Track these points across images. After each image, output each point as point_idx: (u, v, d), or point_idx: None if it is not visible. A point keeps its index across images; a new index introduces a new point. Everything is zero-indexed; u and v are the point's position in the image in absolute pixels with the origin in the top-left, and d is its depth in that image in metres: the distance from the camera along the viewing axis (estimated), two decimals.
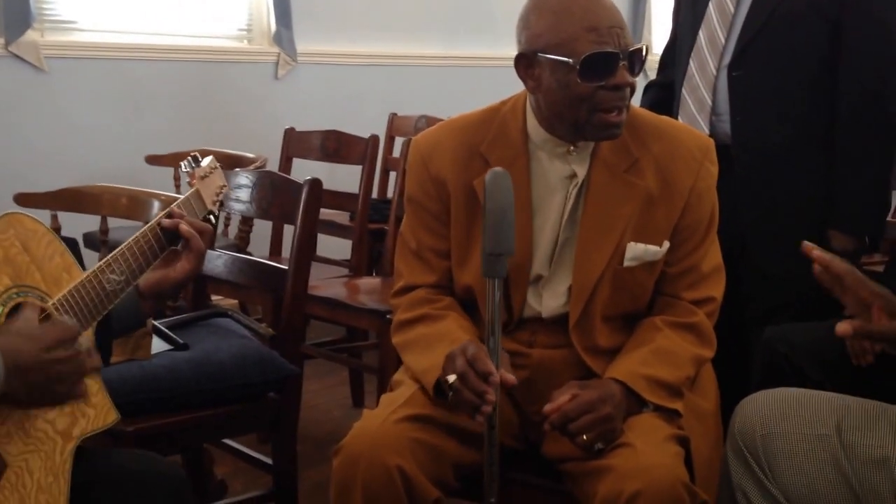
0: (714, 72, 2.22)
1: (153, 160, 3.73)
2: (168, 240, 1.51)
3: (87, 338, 1.33)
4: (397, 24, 4.71)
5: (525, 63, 1.62)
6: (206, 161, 1.71)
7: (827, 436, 1.43)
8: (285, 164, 3.51)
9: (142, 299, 1.51)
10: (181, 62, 4.14)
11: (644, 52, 1.58)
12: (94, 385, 1.32)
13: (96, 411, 1.33)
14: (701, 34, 2.26)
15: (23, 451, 1.23)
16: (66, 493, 1.27)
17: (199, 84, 4.20)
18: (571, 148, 1.65)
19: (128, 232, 2.31)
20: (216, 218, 1.70)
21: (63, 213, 2.71)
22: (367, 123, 3.86)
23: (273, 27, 4.32)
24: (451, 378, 1.50)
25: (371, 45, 4.62)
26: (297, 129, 3.58)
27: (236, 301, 3.42)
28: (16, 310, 1.26)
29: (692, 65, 2.26)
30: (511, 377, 1.50)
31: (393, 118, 4.07)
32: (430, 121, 3.86)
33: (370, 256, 3.43)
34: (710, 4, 2.26)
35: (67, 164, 3.78)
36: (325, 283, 2.94)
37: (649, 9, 5.58)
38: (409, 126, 3.93)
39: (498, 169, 1.45)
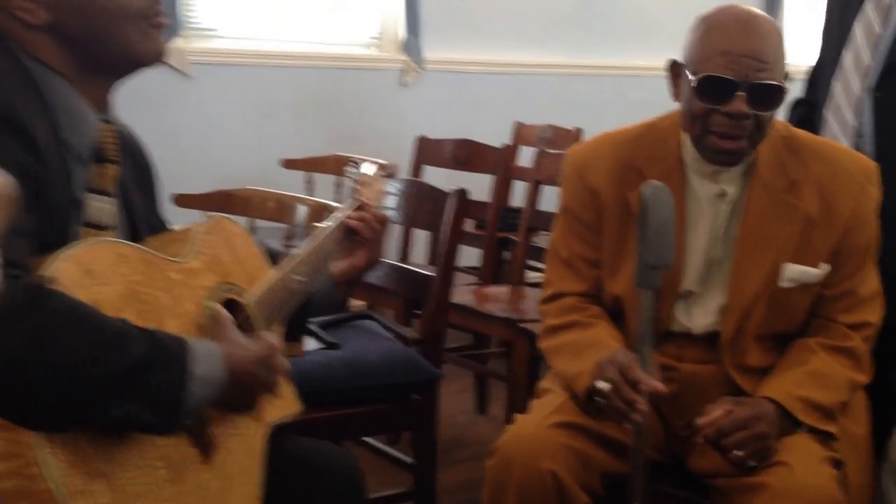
0: (858, 93, 2.20)
1: (289, 164, 3.87)
2: (347, 234, 1.62)
3: (276, 335, 1.43)
4: (523, 33, 4.76)
5: (674, 71, 1.69)
6: (371, 168, 1.79)
7: None
8: (416, 171, 3.60)
9: (335, 287, 1.62)
10: (313, 68, 4.28)
11: (779, 89, 1.58)
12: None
13: (284, 402, 1.44)
14: (846, 55, 2.24)
15: (227, 434, 1.33)
16: (262, 474, 1.37)
17: (330, 90, 4.33)
18: (718, 168, 1.68)
19: (272, 233, 2.44)
20: None
21: (213, 214, 2.85)
22: (491, 131, 3.92)
23: (403, 35, 4.43)
24: (602, 385, 1.55)
25: (497, 54, 4.68)
26: (422, 135, 3.67)
27: (363, 302, 3.54)
28: (224, 304, 1.36)
29: (836, 86, 2.25)
30: (660, 386, 1.53)
31: (518, 127, 4.11)
32: (556, 130, 3.90)
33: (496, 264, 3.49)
34: (856, 24, 2.24)
35: (207, 166, 3.96)
36: (456, 290, 3.01)
37: (783, 20, 5.46)
38: (534, 135, 3.96)
39: (657, 182, 1.49)
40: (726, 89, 1.57)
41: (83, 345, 1.07)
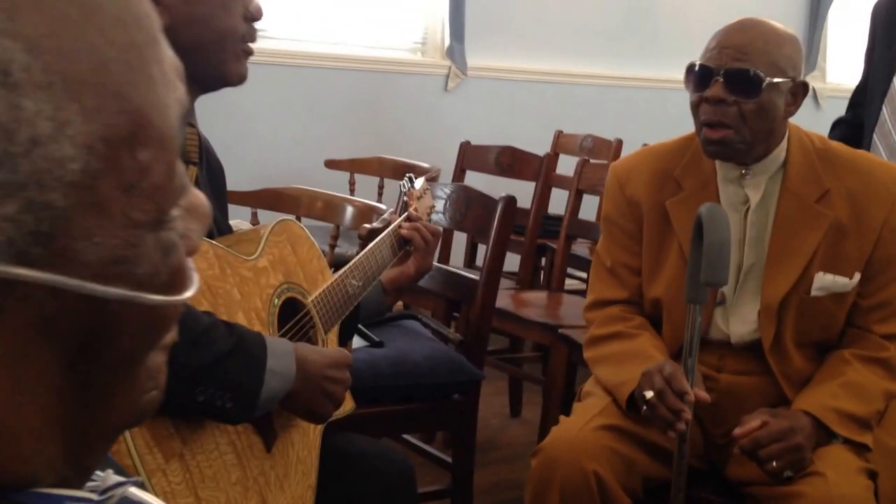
0: None
1: (331, 164, 3.94)
2: (400, 243, 1.68)
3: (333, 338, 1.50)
4: (565, 43, 4.81)
5: None
6: (420, 183, 1.87)
7: None
8: (459, 175, 3.66)
9: (385, 294, 1.69)
10: (358, 71, 4.34)
11: (754, 76, 1.64)
12: None
13: None
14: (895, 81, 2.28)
15: (286, 426, 1.40)
16: (317, 466, 1.45)
17: (373, 93, 4.39)
18: (744, 171, 1.73)
19: (318, 232, 2.51)
20: None
21: (261, 211, 2.94)
22: (531, 138, 3.98)
23: (447, 41, 4.49)
24: (649, 394, 1.60)
25: (539, 62, 4.74)
26: (464, 140, 3.72)
27: (401, 302, 3.60)
28: (287, 302, 1.44)
29: (885, 110, 2.28)
30: (705, 395, 1.59)
31: (559, 135, 4.16)
32: (596, 140, 3.95)
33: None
34: None
35: (251, 163, 4.03)
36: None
37: (825, 37, 5.51)
38: (575, 144, 4.01)
39: (713, 204, 1.55)
40: (706, 76, 1.67)
41: (180, 336, 1.15)
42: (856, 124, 2.45)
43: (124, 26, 0.46)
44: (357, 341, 2.17)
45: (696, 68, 1.68)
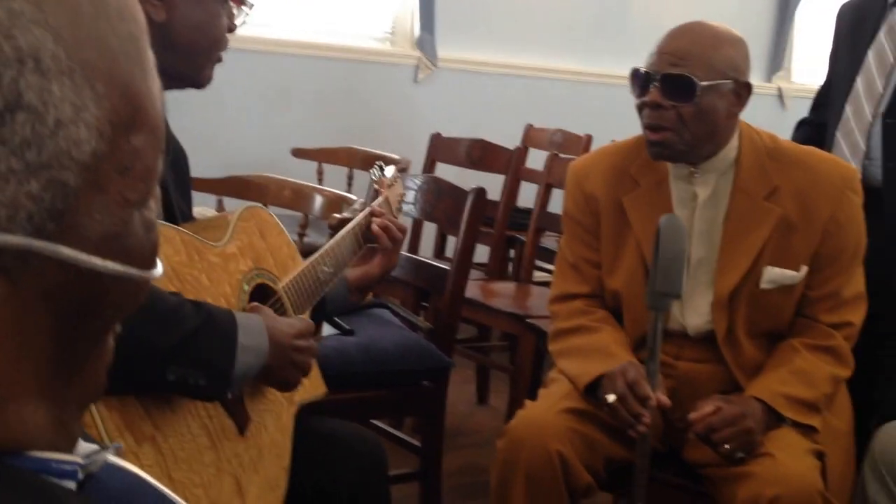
0: (870, 118, 2.29)
1: (299, 153, 3.92)
2: (366, 238, 1.72)
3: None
4: (537, 38, 4.83)
5: None
6: (391, 170, 1.90)
7: None
8: (429, 167, 3.70)
9: (349, 292, 1.73)
10: (325, 59, 4.30)
11: (688, 81, 1.69)
12: None
13: (311, 383, 1.55)
14: (859, 80, 2.34)
15: (261, 410, 1.45)
16: (290, 448, 1.49)
17: (342, 82, 4.36)
18: (693, 170, 1.80)
19: (286, 221, 2.53)
20: None
21: (227, 199, 2.94)
22: (502, 132, 4.00)
23: (417, 32, 4.48)
24: (611, 398, 1.67)
25: (510, 56, 4.76)
26: (434, 132, 3.74)
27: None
28: (257, 288, 1.48)
29: (848, 109, 2.34)
30: (666, 400, 1.66)
31: (529, 129, 4.20)
32: (566, 135, 4.00)
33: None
34: (870, 52, 2.33)
35: (217, 151, 3.94)
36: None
37: (792, 39, 5.58)
38: (545, 138, 4.05)
39: (673, 215, 1.61)
40: (646, 81, 1.74)
41: (147, 317, 1.18)
42: (819, 125, 2.51)
43: (125, 19, 0.51)
44: (328, 329, 2.21)
45: (638, 73, 1.76)
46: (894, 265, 2.25)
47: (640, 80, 1.75)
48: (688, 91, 1.71)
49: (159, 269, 0.54)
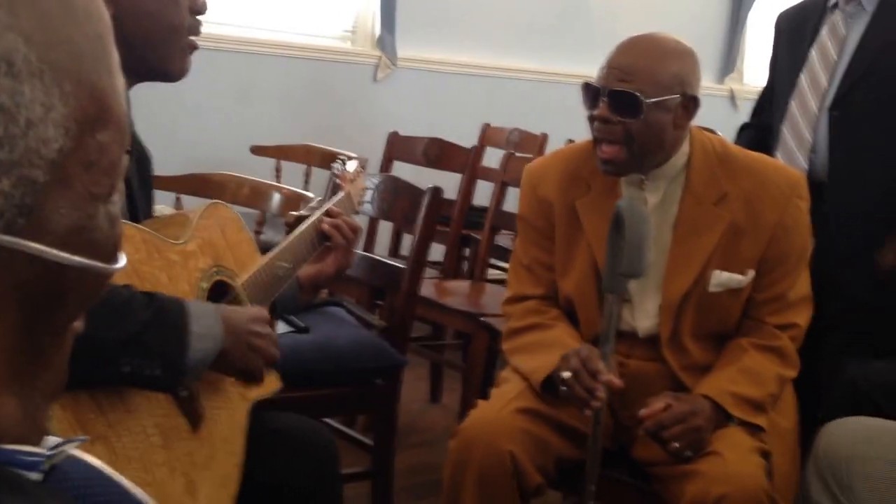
0: (816, 111, 2.36)
1: (258, 151, 3.92)
2: (321, 237, 1.71)
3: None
4: (496, 37, 4.86)
5: None
6: (353, 165, 1.90)
7: None
8: (386, 165, 3.70)
9: (301, 290, 1.72)
10: (285, 58, 4.32)
11: (634, 98, 1.72)
12: None
13: (266, 379, 1.54)
14: (802, 77, 2.40)
15: (215, 407, 1.44)
16: (244, 445, 1.48)
17: (301, 80, 4.38)
18: (642, 178, 1.83)
19: (244, 218, 2.53)
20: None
21: (186, 197, 2.93)
22: (460, 131, 4.02)
23: (377, 31, 4.51)
24: (566, 374, 1.69)
25: (469, 55, 4.78)
26: (391, 131, 3.76)
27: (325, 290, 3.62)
28: (216, 286, 1.47)
29: (793, 104, 2.40)
30: (617, 381, 1.68)
31: (486, 128, 4.23)
32: (523, 135, 4.03)
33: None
34: (812, 50, 2.40)
35: (176, 148, 3.96)
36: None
37: (744, 42, 5.67)
38: (502, 138, 4.08)
39: (630, 198, 1.64)
40: (593, 95, 1.77)
41: (98, 310, 1.17)
42: (762, 128, 2.57)
43: (92, 19, 0.52)
44: (282, 327, 2.20)
45: (588, 87, 1.78)
46: (837, 263, 2.31)
47: (590, 94, 1.78)
48: (634, 108, 1.73)
49: (122, 261, 0.56)
